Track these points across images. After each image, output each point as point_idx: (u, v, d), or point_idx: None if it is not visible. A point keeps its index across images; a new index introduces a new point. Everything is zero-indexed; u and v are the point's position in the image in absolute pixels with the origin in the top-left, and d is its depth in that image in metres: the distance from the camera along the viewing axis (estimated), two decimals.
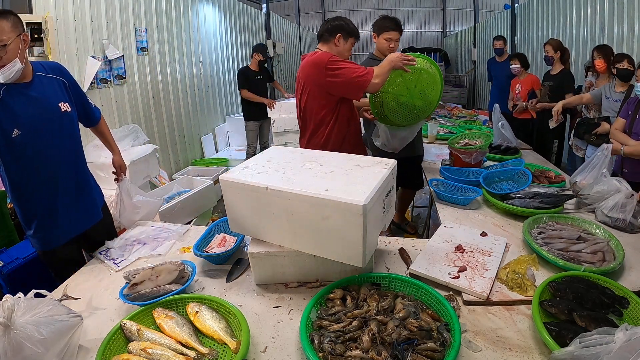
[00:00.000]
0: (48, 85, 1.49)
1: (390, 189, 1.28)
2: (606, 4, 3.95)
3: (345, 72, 1.86)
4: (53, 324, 0.95)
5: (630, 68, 2.57)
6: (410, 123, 2.13)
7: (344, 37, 1.99)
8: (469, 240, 1.52)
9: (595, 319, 1.03)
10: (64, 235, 1.58)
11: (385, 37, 2.38)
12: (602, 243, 1.42)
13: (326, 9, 14.89)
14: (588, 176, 1.91)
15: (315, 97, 2.00)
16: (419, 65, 1.97)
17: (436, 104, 2.08)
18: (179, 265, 1.31)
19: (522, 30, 6.51)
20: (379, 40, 2.43)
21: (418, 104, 2.04)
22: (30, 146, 1.42)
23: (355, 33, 2.05)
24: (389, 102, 2.06)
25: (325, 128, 2.04)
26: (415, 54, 1.97)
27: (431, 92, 2.04)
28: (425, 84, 2.01)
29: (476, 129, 3.51)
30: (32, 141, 1.42)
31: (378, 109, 2.10)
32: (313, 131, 2.09)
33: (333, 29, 1.99)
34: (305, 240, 1.19)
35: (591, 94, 2.94)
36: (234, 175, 1.27)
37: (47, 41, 2.50)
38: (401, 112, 2.07)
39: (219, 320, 1.08)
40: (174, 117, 4.37)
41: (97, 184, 1.77)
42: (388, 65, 1.88)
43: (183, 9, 4.50)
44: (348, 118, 2.07)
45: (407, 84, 2.01)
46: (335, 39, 1.98)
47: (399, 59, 1.87)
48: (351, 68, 1.87)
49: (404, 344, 0.95)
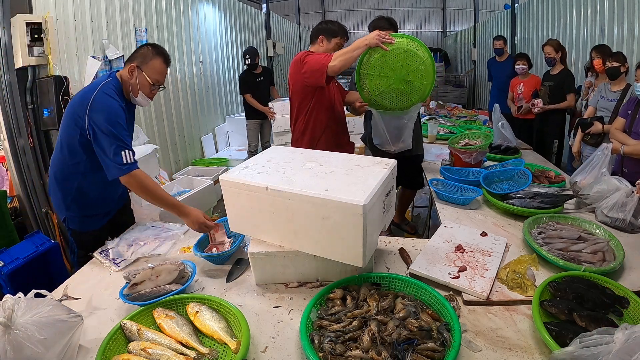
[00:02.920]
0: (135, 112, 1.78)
1: (390, 189, 1.28)
2: (606, 4, 3.95)
3: (310, 61, 2.00)
4: (53, 324, 0.95)
5: (615, 65, 2.58)
6: (403, 106, 2.06)
7: (327, 38, 2.15)
8: (469, 240, 1.52)
9: (595, 319, 1.03)
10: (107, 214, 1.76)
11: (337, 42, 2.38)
12: (602, 243, 1.42)
13: (326, 9, 14.89)
14: (588, 176, 1.91)
15: (296, 91, 2.21)
16: (401, 45, 1.87)
17: (430, 87, 1.98)
18: (179, 265, 1.31)
19: (522, 30, 6.51)
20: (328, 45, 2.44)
21: (405, 86, 1.97)
22: None
23: (339, 32, 2.15)
24: (374, 84, 2.00)
25: (304, 117, 2.22)
26: (398, 34, 1.93)
27: (419, 75, 1.93)
28: (413, 66, 1.90)
29: (476, 129, 3.51)
30: None
31: (365, 92, 2.06)
32: (294, 121, 2.28)
33: (316, 32, 2.19)
34: (305, 240, 1.19)
35: (590, 103, 2.95)
36: (234, 175, 1.27)
37: (47, 41, 2.50)
38: (390, 94, 2.01)
39: (219, 320, 1.08)
40: (174, 117, 4.37)
41: None
42: (356, 45, 1.88)
43: (183, 9, 4.50)
44: (327, 107, 2.22)
45: (391, 65, 1.91)
46: (319, 41, 2.17)
47: (375, 37, 1.84)
48: (316, 57, 1.99)
49: (404, 344, 0.95)
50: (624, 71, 2.63)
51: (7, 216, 2.34)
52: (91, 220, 1.72)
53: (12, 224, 2.38)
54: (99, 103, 1.47)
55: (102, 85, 1.53)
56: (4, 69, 2.39)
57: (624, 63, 2.62)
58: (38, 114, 2.53)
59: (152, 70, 1.59)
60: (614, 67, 2.61)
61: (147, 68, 1.58)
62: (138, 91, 1.59)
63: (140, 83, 1.58)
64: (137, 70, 1.57)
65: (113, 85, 1.56)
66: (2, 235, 2.29)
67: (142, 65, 1.58)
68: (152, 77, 1.59)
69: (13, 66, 2.41)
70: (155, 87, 1.63)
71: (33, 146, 2.53)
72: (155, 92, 1.65)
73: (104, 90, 1.52)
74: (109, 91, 1.53)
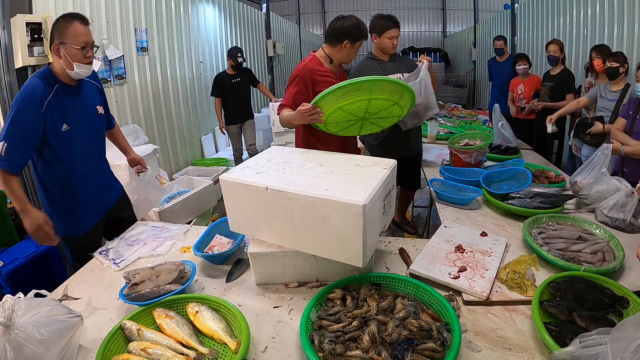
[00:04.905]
0: (89, 89, 1.71)
1: (390, 189, 1.28)
2: (606, 4, 3.95)
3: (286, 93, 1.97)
4: (53, 324, 0.95)
5: (615, 65, 2.59)
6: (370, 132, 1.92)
7: (351, 43, 1.90)
8: (469, 240, 1.52)
9: (595, 319, 1.03)
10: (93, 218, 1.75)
11: (387, 36, 2.37)
12: (602, 243, 1.42)
13: (326, 9, 14.89)
14: (588, 176, 1.91)
15: None
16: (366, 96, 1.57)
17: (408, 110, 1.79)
18: (179, 265, 1.31)
19: (522, 30, 6.51)
20: (380, 40, 2.40)
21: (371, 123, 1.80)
22: (74, 142, 1.62)
23: (364, 35, 1.94)
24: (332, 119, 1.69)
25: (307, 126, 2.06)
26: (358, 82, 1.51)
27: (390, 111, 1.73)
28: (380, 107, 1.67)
29: (476, 129, 3.52)
30: (75, 138, 1.62)
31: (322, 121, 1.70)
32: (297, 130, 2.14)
33: (340, 34, 1.90)
34: (305, 240, 1.19)
35: (587, 96, 2.95)
36: (234, 175, 1.27)
37: (47, 41, 2.49)
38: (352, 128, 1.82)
39: (219, 320, 1.08)
40: (174, 117, 4.37)
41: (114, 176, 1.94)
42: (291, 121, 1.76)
43: (183, 9, 4.50)
44: None
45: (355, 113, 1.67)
46: (342, 45, 1.91)
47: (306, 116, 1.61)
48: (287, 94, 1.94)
49: (404, 344, 0.95)
50: (623, 71, 2.64)
51: (7, 216, 2.34)
52: (72, 223, 1.68)
53: (12, 224, 2.38)
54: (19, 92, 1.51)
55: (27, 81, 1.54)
56: (4, 69, 2.40)
57: (624, 63, 2.62)
58: None
59: (72, 37, 1.51)
60: (613, 67, 2.61)
61: (68, 38, 1.50)
62: (72, 64, 1.52)
63: (69, 55, 1.51)
64: (60, 46, 1.51)
65: (39, 76, 1.54)
66: (2, 235, 2.29)
67: (63, 39, 1.51)
68: (77, 43, 1.51)
69: (13, 66, 2.41)
70: (86, 50, 1.54)
71: None
72: (90, 55, 1.57)
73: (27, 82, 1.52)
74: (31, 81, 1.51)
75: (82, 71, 1.56)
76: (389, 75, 2.36)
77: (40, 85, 1.51)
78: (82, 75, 1.59)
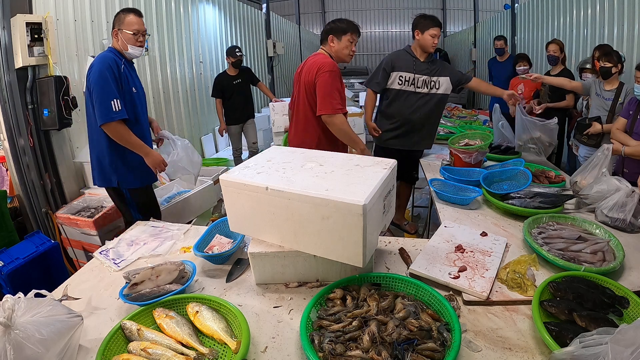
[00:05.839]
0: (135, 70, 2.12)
1: (390, 189, 1.28)
2: (606, 4, 3.95)
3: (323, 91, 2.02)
4: (53, 324, 0.95)
5: (607, 65, 2.58)
6: None
7: (337, 37, 2.12)
8: (469, 240, 1.52)
9: (595, 319, 1.02)
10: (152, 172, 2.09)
11: (430, 34, 2.50)
12: (602, 243, 1.42)
13: (326, 9, 14.90)
14: (588, 176, 1.91)
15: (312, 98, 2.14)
16: None
17: None
18: (179, 265, 1.31)
19: (522, 30, 6.51)
20: (423, 36, 2.53)
21: None
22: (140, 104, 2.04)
23: (348, 29, 2.11)
24: None
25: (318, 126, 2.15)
26: None
27: None
28: None
29: (476, 129, 3.51)
30: (141, 101, 2.05)
31: None
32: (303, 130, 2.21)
33: (325, 33, 2.16)
34: (305, 240, 1.19)
35: (582, 83, 2.94)
36: (234, 175, 1.27)
37: (47, 41, 2.49)
38: None
39: (219, 320, 1.08)
40: (174, 117, 4.37)
41: None
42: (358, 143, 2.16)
43: (183, 9, 4.50)
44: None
45: None
46: (329, 41, 2.14)
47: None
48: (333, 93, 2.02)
49: (404, 344, 0.95)
50: (617, 72, 2.63)
51: (7, 216, 2.34)
52: (144, 172, 2.04)
53: (12, 224, 2.38)
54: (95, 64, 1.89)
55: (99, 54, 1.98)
56: (4, 69, 2.39)
57: (617, 64, 2.60)
58: (38, 114, 2.53)
59: (128, 25, 1.94)
60: (606, 67, 2.60)
61: (124, 26, 1.94)
62: (127, 45, 1.95)
63: (125, 39, 1.95)
64: (118, 32, 1.95)
65: (108, 50, 1.98)
66: (2, 235, 2.29)
67: (121, 26, 1.95)
68: (131, 29, 1.94)
69: (13, 66, 2.41)
70: (138, 35, 1.96)
71: (33, 146, 2.53)
72: (142, 40, 2.00)
73: (99, 55, 1.95)
74: (104, 54, 1.95)
75: (135, 52, 1.99)
76: (416, 75, 2.56)
77: (112, 55, 1.93)
78: (135, 56, 2.01)
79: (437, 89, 2.60)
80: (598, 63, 2.82)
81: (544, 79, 2.95)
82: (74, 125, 2.68)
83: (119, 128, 1.85)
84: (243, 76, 4.42)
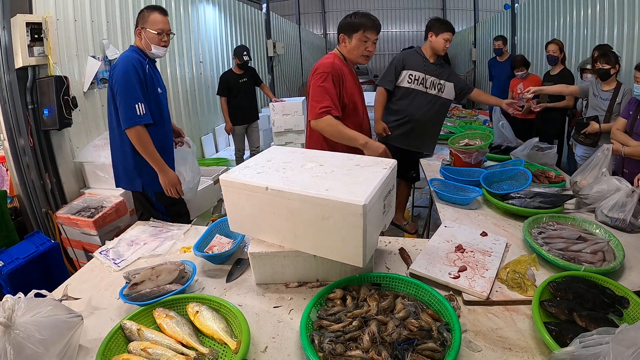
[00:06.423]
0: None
1: (390, 189, 1.28)
2: (606, 4, 3.95)
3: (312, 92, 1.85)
4: (53, 324, 0.95)
5: (605, 67, 2.58)
6: None
7: (348, 36, 1.90)
8: (469, 240, 1.52)
9: (595, 319, 1.02)
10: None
11: (444, 37, 2.54)
12: (602, 243, 1.42)
13: (326, 9, 14.90)
14: (588, 176, 1.91)
15: None
16: None
17: None
18: (179, 265, 1.31)
19: (522, 30, 6.51)
20: (436, 39, 2.56)
21: None
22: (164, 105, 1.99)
23: (361, 26, 1.86)
24: None
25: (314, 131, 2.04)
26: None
27: None
28: None
29: (476, 129, 3.51)
30: (165, 102, 1.99)
31: None
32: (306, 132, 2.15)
33: (338, 31, 1.97)
34: (305, 240, 1.19)
35: (579, 86, 2.94)
36: (234, 175, 1.27)
37: (47, 41, 2.49)
38: None
39: (219, 320, 1.08)
40: (174, 117, 4.36)
41: None
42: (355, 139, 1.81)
43: (183, 9, 4.50)
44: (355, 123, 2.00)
45: None
46: (341, 40, 1.95)
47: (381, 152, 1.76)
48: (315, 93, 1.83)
49: (404, 344, 0.95)
50: (614, 72, 2.63)
51: (7, 216, 2.34)
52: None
53: (12, 224, 2.38)
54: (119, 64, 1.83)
55: (121, 54, 1.90)
56: (4, 69, 2.39)
57: (615, 65, 2.61)
58: (38, 114, 2.53)
59: (152, 24, 1.88)
60: (604, 69, 2.60)
61: (148, 24, 1.88)
62: (150, 45, 1.89)
63: (148, 38, 1.89)
64: (142, 30, 1.89)
65: (131, 49, 1.91)
66: (2, 235, 2.29)
67: (144, 25, 1.89)
68: (155, 28, 1.88)
69: (13, 66, 2.41)
70: (162, 35, 1.90)
71: (33, 146, 2.53)
72: (166, 40, 1.94)
73: (123, 55, 1.87)
74: (128, 53, 1.87)
75: (159, 52, 1.93)
76: (426, 75, 2.61)
77: (136, 55, 1.87)
78: (159, 56, 1.96)
79: (442, 93, 2.66)
80: (596, 64, 2.82)
81: (542, 90, 2.97)
82: (74, 125, 2.68)
83: (141, 133, 1.80)
84: (249, 76, 4.45)
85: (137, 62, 1.82)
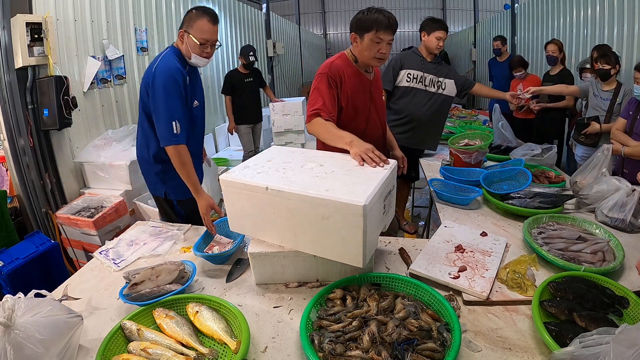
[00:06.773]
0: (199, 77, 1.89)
1: (390, 189, 1.28)
2: (606, 4, 3.95)
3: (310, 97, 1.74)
4: (53, 324, 0.95)
5: (606, 67, 2.58)
6: None
7: (359, 35, 1.68)
8: (469, 240, 1.52)
9: (595, 319, 1.02)
10: None
11: (436, 36, 2.54)
12: (602, 243, 1.42)
13: (326, 9, 14.88)
14: (588, 176, 1.91)
15: None
16: None
17: None
18: (179, 265, 1.31)
19: (522, 30, 6.51)
20: (429, 38, 2.57)
21: None
22: (199, 118, 1.85)
23: (373, 25, 1.62)
24: None
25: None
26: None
27: None
28: None
29: (476, 129, 3.51)
30: (200, 115, 1.86)
31: None
32: None
33: (350, 30, 1.74)
34: (305, 240, 1.19)
35: (579, 86, 2.94)
36: (234, 175, 1.27)
37: (47, 41, 2.49)
38: None
39: (219, 320, 1.08)
40: None
41: None
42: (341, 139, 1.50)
43: (183, 9, 4.50)
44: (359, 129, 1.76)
45: None
46: (352, 39, 1.73)
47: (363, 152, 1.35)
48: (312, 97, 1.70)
49: (404, 344, 0.95)
50: (615, 73, 2.63)
51: (7, 216, 2.34)
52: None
53: (12, 224, 2.38)
54: (160, 72, 1.64)
55: (162, 56, 1.71)
56: (4, 69, 2.40)
57: (615, 65, 2.61)
58: (38, 114, 2.53)
59: (197, 30, 1.65)
60: (605, 69, 2.60)
61: (193, 30, 1.66)
62: (191, 53, 1.69)
63: (190, 45, 1.68)
64: (185, 34, 1.68)
65: (173, 52, 1.71)
66: (2, 235, 2.29)
67: (189, 29, 1.67)
68: (199, 37, 1.65)
69: (13, 66, 2.41)
70: (205, 46, 1.69)
71: (33, 146, 2.53)
72: (209, 51, 1.72)
73: (165, 59, 1.68)
74: (170, 58, 1.68)
75: (199, 62, 1.73)
76: (425, 74, 2.61)
77: (177, 62, 1.68)
78: (199, 66, 1.77)
79: (443, 90, 2.66)
80: (596, 64, 2.82)
81: (541, 90, 2.97)
82: (74, 125, 2.69)
83: (181, 153, 1.65)
84: (254, 76, 4.44)
85: (178, 73, 1.64)
